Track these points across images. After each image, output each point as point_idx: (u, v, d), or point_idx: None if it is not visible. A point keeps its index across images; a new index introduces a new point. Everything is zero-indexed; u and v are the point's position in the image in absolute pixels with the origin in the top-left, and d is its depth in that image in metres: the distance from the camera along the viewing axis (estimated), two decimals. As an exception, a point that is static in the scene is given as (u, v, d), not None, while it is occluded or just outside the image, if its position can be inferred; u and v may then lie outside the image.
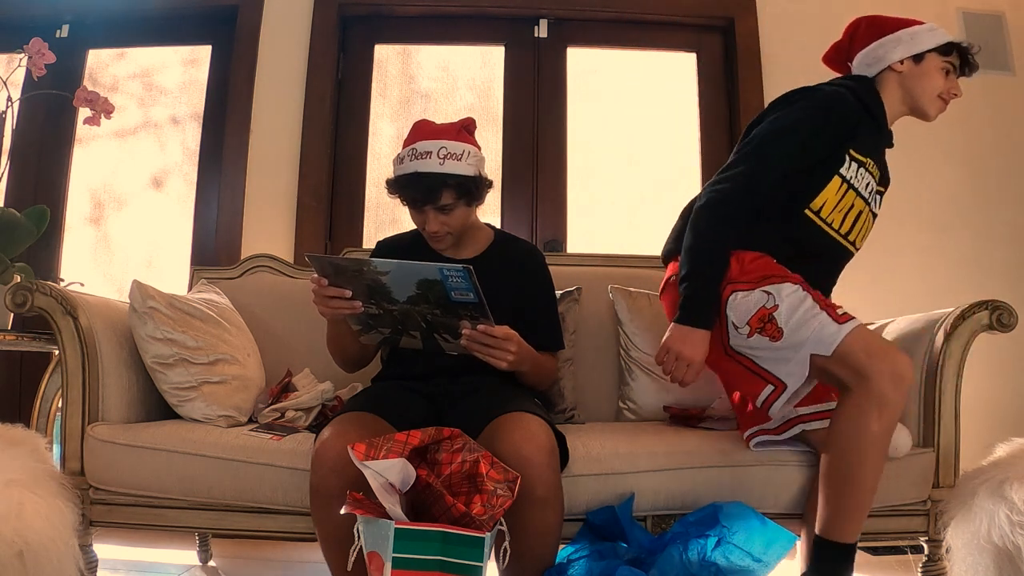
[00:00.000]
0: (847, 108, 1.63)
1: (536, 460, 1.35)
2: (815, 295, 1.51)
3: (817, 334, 1.44)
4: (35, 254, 2.60)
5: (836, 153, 1.61)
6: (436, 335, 1.56)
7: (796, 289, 1.51)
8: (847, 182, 1.62)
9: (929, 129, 2.81)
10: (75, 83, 2.63)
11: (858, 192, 1.64)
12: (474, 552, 1.19)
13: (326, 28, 2.83)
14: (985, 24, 2.91)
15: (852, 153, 1.63)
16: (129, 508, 1.62)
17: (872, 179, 1.67)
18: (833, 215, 1.62)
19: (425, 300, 1.47)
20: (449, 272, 1.41)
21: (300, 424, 1.77)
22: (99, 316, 1.71)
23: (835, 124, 1.61)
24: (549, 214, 2.82)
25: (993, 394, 2.58)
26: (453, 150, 1.64)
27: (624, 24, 2.94)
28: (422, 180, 1.63)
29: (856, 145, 1.63)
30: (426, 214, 1.67)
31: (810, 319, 1.46)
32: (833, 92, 1.66)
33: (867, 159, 1.65)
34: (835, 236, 1.64)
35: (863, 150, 1.64)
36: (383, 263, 1.44)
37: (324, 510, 1.36)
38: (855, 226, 1.67)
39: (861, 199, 1.65)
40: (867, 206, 1.67)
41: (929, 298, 2.20)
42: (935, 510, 1.64)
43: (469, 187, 1.67)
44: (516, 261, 1.80)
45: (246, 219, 2.72)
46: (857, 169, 1.63)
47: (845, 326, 1.44)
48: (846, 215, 1.64)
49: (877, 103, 1.70)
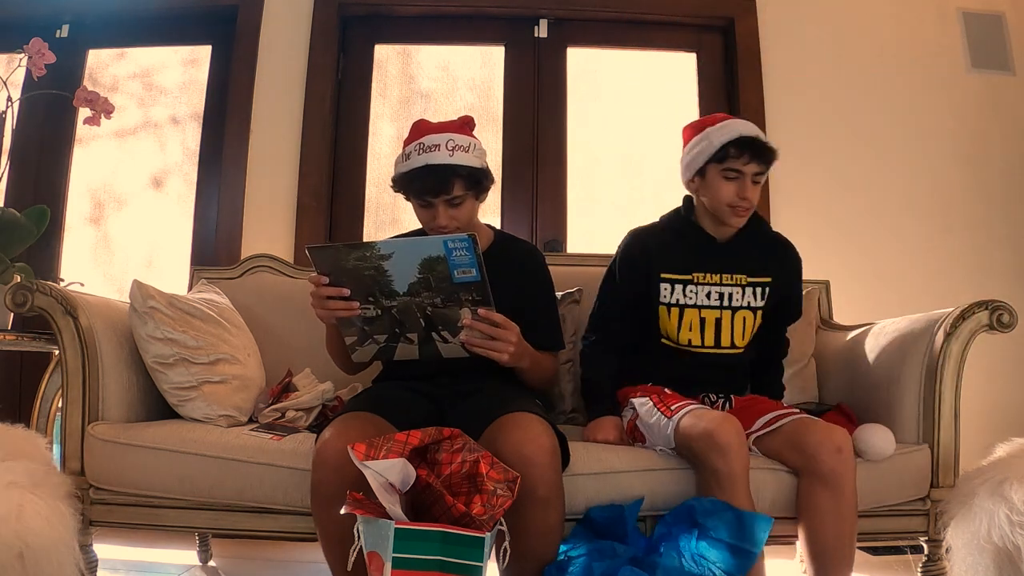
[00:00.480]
0: (629, 254, 1.82)
1: (538, 460, 1.35)
2: (661, 397, 1.67)
3: (659, 431, 1.61)
4: (35, 254, 2.60)
5: (649, 288, 1.77)
6: (434, 334, 1.54)
7: (645, 400, 1.69)
8: (671, 305, 1.76)
9: (929, 128, 2.83)
10: (75, 83, 2.63)
11: (697, 306, 1.76)
12: (474, 552, 1.19)
13: (326, 28, 2.83)
14: (985, 24, 2.91)
15: (666, 277, 1.76)
16: (129, 508, 1.62)
17: (711, 287, 1.76)
18: (682, 335, 1.77)
19: (427, 287, 1.47)
20: (453, 244, 1.41)
21: (300, 424, 1.77)
22: (99, 316, 1.71)
23: (627, 270, 1.81)
24: (549, 214, 2.82)
25: (993, 394, 2.58)
26: (460, 142, 1.66)
27: (624, 24, 2.94)
28: (433, 172, 1.63)
29: (670, 270, 1.77)
30: (436, 208, 1.67)
31: (653, 417, 1.64)
32: (625, 241, 1.87)
33: (691, 275, 1.76)
34: (693, 351, 1.77)
35: (683, 269, 1.76)
36: (387, 243, 1.44)
37: (325, 510, 1.36)
38: (718, 332, 1.77)
39: (706, 309, 1.76)
40: (721, 309, 1.77)
41: (929, 298, 2.20)
42: (935, 510, 1.64)
43: (478, 178, 1.68)
44: (517, 261, 1.80)
45: (246, 219, 2.72)
46: (684, 289, 1.76)
47: (672, 419, 1.58)
48: (693, 329, 1.76)
49: (687, 223, 1.82)
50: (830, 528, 1.49)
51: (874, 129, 2.83)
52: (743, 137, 1.69)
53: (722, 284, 1.76)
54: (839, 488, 1.48)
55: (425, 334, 1.55)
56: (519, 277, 1.77)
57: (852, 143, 2.82)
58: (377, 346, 1.58)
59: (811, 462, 1.51)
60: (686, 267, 1.76)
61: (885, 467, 1.62)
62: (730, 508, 1.40)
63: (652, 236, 1.83)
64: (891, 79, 2.86)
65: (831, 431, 1.53)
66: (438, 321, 1.52)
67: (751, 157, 1.69)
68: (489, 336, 1.52)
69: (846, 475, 1.48)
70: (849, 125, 2.83)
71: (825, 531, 1.49)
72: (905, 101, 2.85)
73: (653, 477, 1.57)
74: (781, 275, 1.82)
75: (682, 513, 1.45)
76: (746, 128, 1.71)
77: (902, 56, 2.88)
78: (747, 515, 1.39)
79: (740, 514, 1.39)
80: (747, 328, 1.79)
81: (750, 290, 1.78)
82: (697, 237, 1.80)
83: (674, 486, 1.57)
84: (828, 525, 1.49)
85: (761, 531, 1.37)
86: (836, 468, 1.48)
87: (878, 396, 1.82)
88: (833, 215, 2.76)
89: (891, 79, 2.86)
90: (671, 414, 1.59)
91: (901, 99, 2.85)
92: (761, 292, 1.79)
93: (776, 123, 2.80)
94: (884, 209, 2.78)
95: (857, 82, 2.86)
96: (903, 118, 2.84)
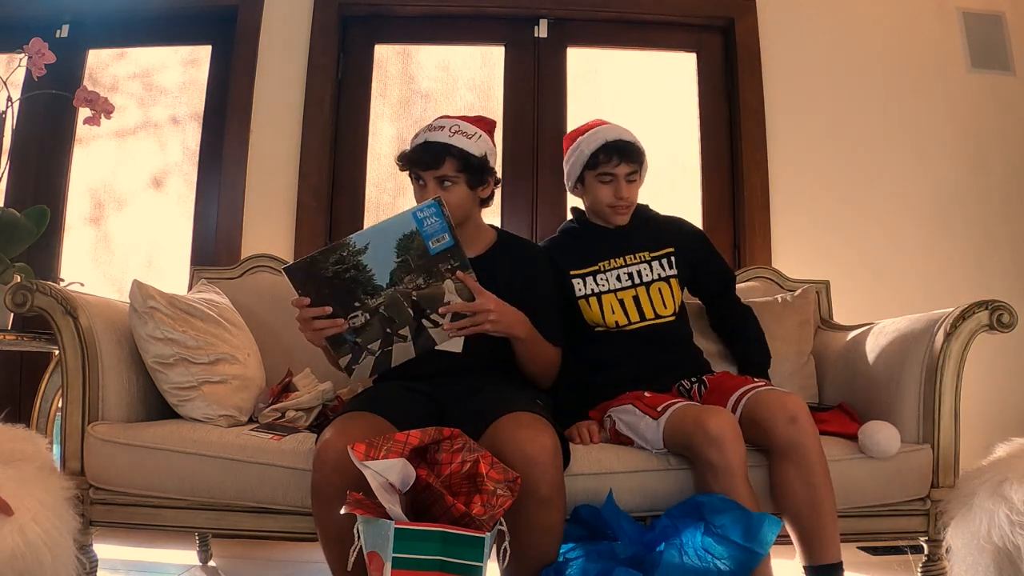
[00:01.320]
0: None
1: (540, 459, 1.35)
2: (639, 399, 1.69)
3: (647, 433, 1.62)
4: (35, 254, 2.59)
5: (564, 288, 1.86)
6: (424, 320, 1.54)
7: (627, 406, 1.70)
8: (588, 296, 1.86)
9: (929, 129, 2.83)
10: (75, 83, 2.63)
11: (611, 291, 1.87)
12: (474, 552, 1.19)
13: (326, 28, 2.83)
14: (985, 24, 2.91)
15: (575, 274, 1.87)
16: (129, 508, 1.62)
17: (619, 270, 1.88)
18: (608, 319, 1.85)
19: (407, 269, 1.48)
20: (422, 213, 1.46)
21: (301, 424, 1.77)
22: (99, 316, 1.71)
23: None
24: (549, 214, 2.82)
25: (993, 394, 2.58)
26: (465, 129, 1.71)
27: (624, 24, 2.94)
28: (428, 148, 1.69)
29: (576, 266, 1.88)
30: (427, 185, 1.69)
31: (639, 421, 1.65)
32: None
33: (597, 265, 1.88)
34: (625, 329, 1.85)
35: (587, 263, 1.88)
36: (360, 235, 1.46)
37: (325, 510, 1.36)
38: (639, 307, 1.86)
39: (621, 291, 1.87)
40: (635, 287, 1.87)
41: (929, 298, 2.20)
42: (935, 510, 1.64)
43: (472, 163, 1.68)
44: (519, 260, 1.79)
45: (246, 219, 2.71)
46: (594, 279, 1.87)
47: (660, 419, 1.59)
48: (616, 311, 1.86)
49: (581, 223, 1.96)
50: (802, 499, 1.48)
51: (874, 129, 2.83)
52: (608, 143, 1.83)
53: (628, 265, 1.88)
54: (801, 457, 1.48)
55: (416, 323, 1.54)
56: (522, 276, 1.76)
57: (852, 143, 2.82)
58: (373, 356, 1.56)
59: (768, 435, 1.52)
60: (591, 260, 1.88)
61: (887, 466, 1.62)
62: (739, 507, 1.39)
63: (555, 246, 1.95)
64: (891, 79, 2.86)
65: (784, 402, 1.52)
66: (425, 305, 1.53)
67: (620, 159, 1.83)
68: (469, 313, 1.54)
69: (805, 443, 1.48)
70: (849, 125, 2.83)
71: (798, 504, 1.49)
72: (905, 101, 2.85)
73: (650, 477, 1.58)
74: (680, 243, 1.93)
75: (689, 508, 1.44)
76: (611, 133, 1.85)
77: (902, 56, 2.88)
78: (755, 516, 1.38)
79: (748, 514, 1.38)
80: (666, 297, 1.88)
81: (656, 263, 1.89)
82: (593, 233, 1.93)
83: (671, 485, 1.57)
84: (799, 496, 1.48)
85: (769, 532, 1.36)
86: (793, 438, 1.48)
87: (878, 396, 1.82)
88: (833, 215, 2.76)
89: (891, 79, 2.86)
90: (658, 415, 1.60)
91: (901, 99, 2.85)
92: (668, 262, 1.89)
93: (776, 123, 2.80)
94: (884, 209, 2.77)
95: (857, 82, 2.86)
96: (903, 118, 2.84)
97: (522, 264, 1.79)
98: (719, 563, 1.33)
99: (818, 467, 1.48)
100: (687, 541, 1.36)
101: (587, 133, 1.88)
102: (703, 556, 1.34)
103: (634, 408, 1.67)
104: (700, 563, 1.34)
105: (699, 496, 1.46)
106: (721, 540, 1.35)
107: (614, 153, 1.83)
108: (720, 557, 1.34)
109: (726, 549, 1.34)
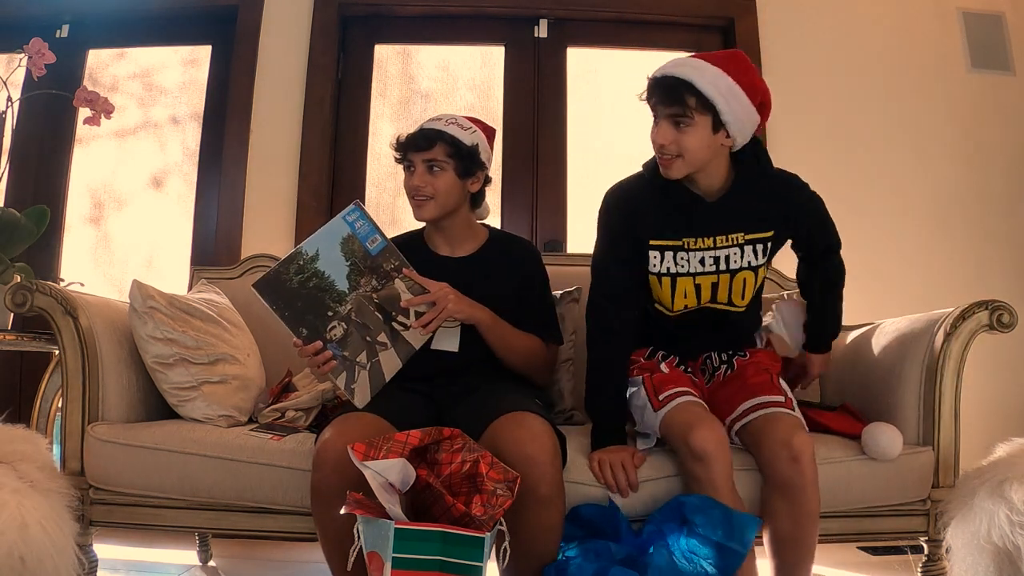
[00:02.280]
0: (611, 220, 1.64)
1: (540, 459, 1.36)
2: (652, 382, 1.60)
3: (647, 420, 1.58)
4: (35, 254, 2.60)
5: (637, 254, 1.61)
6: (394, 324, 1.59)
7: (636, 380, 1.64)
8: (662, 275, 1.61)
9: (929, 129, 2.83)
10: (75, 83, 2.63)
11: (690, 274, 1.60)
12: (474, 552, 1.19)
13: (326, 28, 2.83)
14: (985, 24, 2.91)
15: (655, 245, 1.60)
16: (129, 508, 1.62)
17: (704, 252, 1.59)
18: (676, 303, 1.63)
19: (359, 271, 1.55)
20: (350, 217, 1.54)
21: (300, 424, 1.77)
22: (99, 316, 1.71)
23: (610, 238, 1.64)
24: (549, 214, 2.82)
25: (993, 394, 2.58)
26: (461, 123, 1.74)
27: (624, 24, 2.94)
28: (422, 132, 1.72)
29: (658, 236, 1.60)
30: (416, 169, 1.71)
31: (643, 406, 1.60)
32: (605, 203, 1.67)
33: (681, 241, 1.59)
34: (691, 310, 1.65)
35: (672, 235, 1.59)
36: (308, 243, 1.53)
37: (325, 510, 1.36)
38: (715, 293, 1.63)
39: (701, 276, 1.60)
40: (718, 273, 1.61)
41: (929, 298, 2.20)
42: (935, 510, 1.64)
43: (462, 151, 1.69)
44: (511, 257, 1.79)
45: (246, 219, 2.72)
46: (674, 256, 1.59)
47: (659, 413, 1.55)
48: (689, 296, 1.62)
49: (665, 181, 1.58)
50: (786, 533, 1.47)
51: (874, 129, 2.83)
52: (649, 79, 1.54)
53: (716, 248, 1.59)
54: (795, 497, 1.45)
55: (388, 328, 1.58)
56: (515, 273, 1.77)
57: (852, 143, 2.82)
58: (365, 371, 1.57)
59: (767, 468, 1.49)
60: (676, 232, 1.59)
61: (888, 467, 1.61)
62: (718, 505, 1.40)
63: (634, 197, 1.63)
64: (891, 79, 2.86)
65: (790, 436, 1.46)
66: (388, 306, 1.58)
67: (658, 99, 1.51)
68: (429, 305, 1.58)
69: (802, 485, 1.44)
70: (849, 125, 2.83)
71: (782, 535, 1.48)
72: (905, 101, 2.85)
73: (655, 486, 1.56)
74: (785, 221, 1.63)
75: (671, 510, 1.45)
76: (660, 70, 1.53)
77: (902, 56, 2.88)
78: (735, 515, 1.38)
79: (728, 513, 1.39)
80: (748, 288, 1.64)
81: (749, 248, 1.60)
82: (683, 196, 1.60)
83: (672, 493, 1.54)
84: (785, 530, 1.47)
85: (749, 531, 1.37)
86: (791, 478, 1.44)
87: (878, 396, 1.82)
88: (833, 215, 2.75)
89: (891, 79, 2.86)
90: (659, 405, 1.56)
91: (901, 99, 2.85)
92: (763, 248, 1.61)
93: (776, 123, 2.80)
94: (884, 209, 2.77)
95: (857, 82, 2.86)
96: (903, 118, 2.84)
97: (516, 262, 1.79)
98: (704, 563, 1.34)
99: (810, 507, 1.45)
100: (673, 544, 1.37)
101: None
102: (691, 558, 1.35)
103: (642, 387, 1.61)
104: (689, 565, 1.35)
105: (681, 496, 1.46)
106: (704, 541, 1.36)
107: (654, 91, 1.52)
108: (705, 558, 1.35)
109: (709, 550, 1.35)
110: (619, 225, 1.63)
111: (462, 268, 1.74)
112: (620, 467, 1.52)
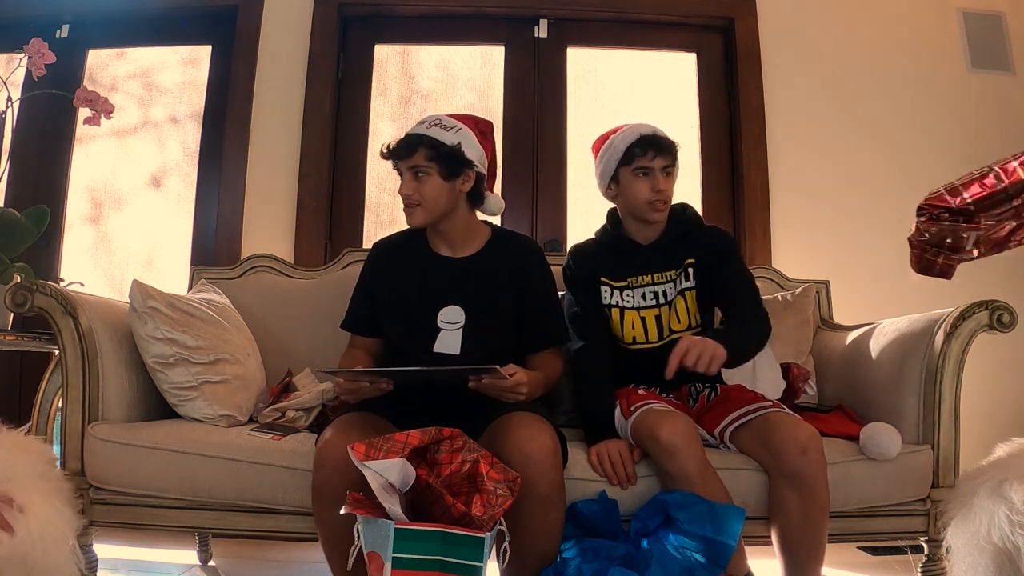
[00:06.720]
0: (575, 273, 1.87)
1: (540, 459, 1.36)
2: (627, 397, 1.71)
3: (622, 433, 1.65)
4: (35, 254, 2.59)
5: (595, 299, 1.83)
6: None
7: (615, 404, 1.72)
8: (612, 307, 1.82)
9: (929, 129, 2.83)
10: (75, 83, 2.63)
11: (635, 308, 1.81)
12: (474, 552, 1.19)
13: (326, 28, 2.83)
14: (985, 24, 2.91)
15: (605, 282, 1.83)
16: (129, 508, 1.62)
17: (645, 288, 1.82)
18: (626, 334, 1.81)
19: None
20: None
21: (301, 424, 1.77)
22: (99, 316, 1.71)
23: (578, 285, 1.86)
24: (549, 214, 2.82)
25: (993, 394, 2.58)
26: (445, 123, 1.71)
27: (624, 24, 2.94)
28: (405, 140, 1.70)
29: (608, 276, 1.83)
30: (404, 176, 1.71)
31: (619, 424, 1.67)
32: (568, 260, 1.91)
33: (626, 280, 1.82)
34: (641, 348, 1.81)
35: (619, 276, 1.83)
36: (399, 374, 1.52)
37: (326, 510, 1.36)
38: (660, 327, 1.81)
39: (645, 309, 1.81)
40: (659, 307, 1.81)
41: (929, 298, 2.19)
42: (935, 510, 1.64)
43: (443, 153, 1.67)
44: (514, 257, 1.78)
45: (246, 219, 2.71)
46: (621, 293, 1.82)
47: (628, 421, 1.61)
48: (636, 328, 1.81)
49: (616, 236, 1.87)
50: (796, 528, 1.49)
51: (874, 129, 2.83)
52: (643, 136, 1.78)
53: (655, 284, 1.81)
54: (806, 489, 1.47)
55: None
56: (518, 273, 1.76)
57: (852, 143, 2.81)
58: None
59: (776, 461, 1.51)
60: (622, 274, 1.83)
61: (887, 467, 1.62)
62: (701, 500, 1.40)
63: (591, 252, 1.89)
64: (891, 79, 2.86)
65: (797, 430, 1.50)
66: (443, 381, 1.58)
67: (656, 152, 1.77)
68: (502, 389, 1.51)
69: (812, 476, 1.47)
70: (849, 125, 2.83)
71: (792, 530, 1.49)
72: (905, 101, 2.85)
73: (651, 483, 1.57)
74: (702, 252, 1.81)
75: (654, 507, 1.45)
76: (645, 128, 1.80)
77: (902, 56, 2.88)
78: (720, 507, 1.39)
79: (712, 507, 1.39)
80: (689, 309, 1.80)
81: (680, 278, 1.81)
82: (626, 247, 1.86)
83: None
84: (795, 525, 1.49)
85: (735, 523, 1.37)
86: (802, 469, 1.47)
87: (878, 396, 1.82)
88: (833, 215, 2.76)
89: (891, 79, 2.86)
90: (628, 415, 1.62)
91: (901, 99, 2.85)
92: (686, 274, 1.81)
93: (776, 123, 2.80)
94: (884, 209, 2.77)
95: (857, 82, 2.86)
96: (903, 118, 2.84)
97: (520, 260, 1.77)
98: (696, 556, 1.35)
99: (820, 499, 1.48)
100: (664, 540, 1.38)
101: (619, 131, 1.83)
102: (683, 552, 1.36)
103: (617, 407, 1.69)
104: (682, 559, 1.36)
105: (661, 494, 1.48)
106: (692, 536, 1.37)
107: (650, 146, 1.77)
108: (697, 551, 1.36)
109: (698, 544, 1.36)
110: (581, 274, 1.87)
111: (464, 270, 1.74)
112: (619, 459, 1.57)
